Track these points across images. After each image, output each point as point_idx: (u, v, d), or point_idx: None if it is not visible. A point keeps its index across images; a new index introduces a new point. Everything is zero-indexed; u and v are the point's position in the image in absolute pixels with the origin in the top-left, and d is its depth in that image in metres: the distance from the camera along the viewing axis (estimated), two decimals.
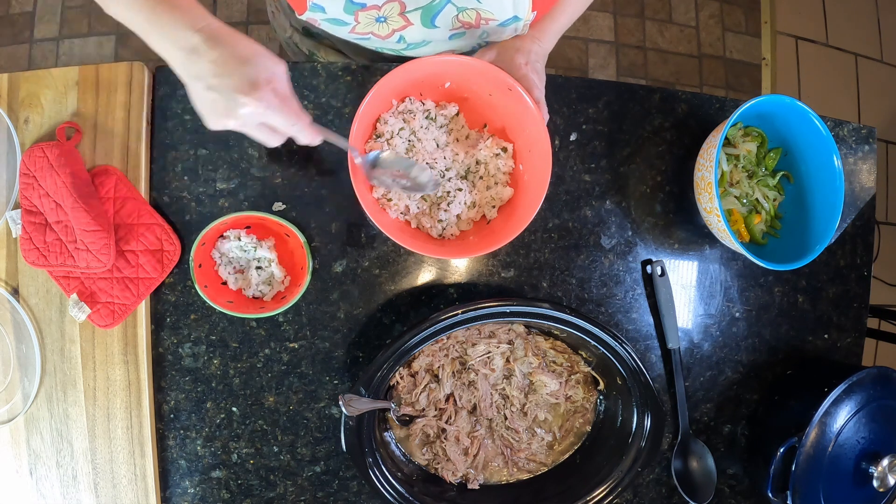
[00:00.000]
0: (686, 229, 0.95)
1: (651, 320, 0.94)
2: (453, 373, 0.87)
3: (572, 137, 0.93)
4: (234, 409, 0.86)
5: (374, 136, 0.82)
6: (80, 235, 0.78)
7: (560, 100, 0.92)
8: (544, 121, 0.78)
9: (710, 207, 0.85)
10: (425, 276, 0.89)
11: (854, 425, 0.88)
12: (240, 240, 0.83)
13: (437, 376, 0.87)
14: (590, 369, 0.90)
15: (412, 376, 0.87)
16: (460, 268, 0.90)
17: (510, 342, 0.88)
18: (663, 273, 0.92)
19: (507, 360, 0.88)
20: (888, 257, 2.11)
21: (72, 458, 0.82)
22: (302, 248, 0.83)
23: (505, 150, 0.84)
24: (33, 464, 0.82)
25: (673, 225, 0.95)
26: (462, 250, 0.82)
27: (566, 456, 0.90)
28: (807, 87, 2.30)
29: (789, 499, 0.86)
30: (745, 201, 0.93)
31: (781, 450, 0.86)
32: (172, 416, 0.85)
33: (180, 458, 0.85)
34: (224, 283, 0.84)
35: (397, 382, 0.86)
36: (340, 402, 0.75)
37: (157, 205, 0.84)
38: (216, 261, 0.84)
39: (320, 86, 0.87)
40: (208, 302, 0.80)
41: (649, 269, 0.93)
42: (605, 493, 0.85)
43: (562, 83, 0.92)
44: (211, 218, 0.83)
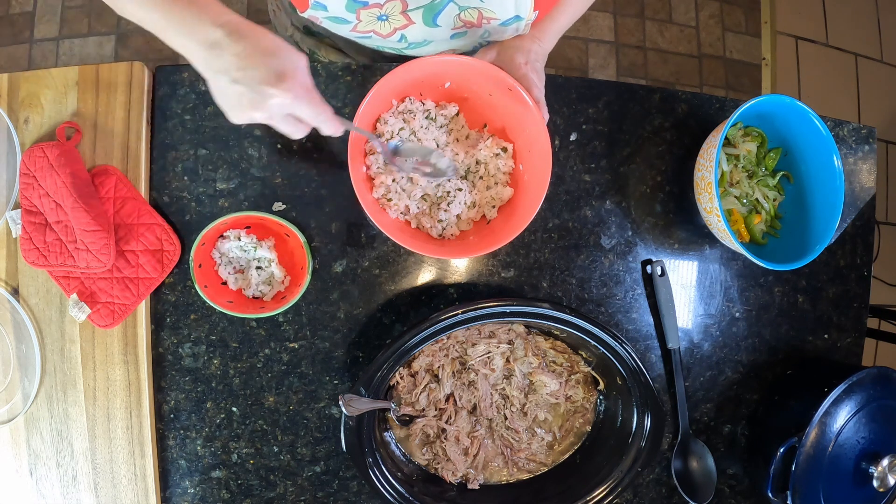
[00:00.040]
0: (686, 229, 0.95)
1: (651, 320, 0.94)
2: (453, 373, 0.87)
3: (572, 137, 0.93)
4: (234, 409, 0.86)
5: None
6: (80, 235, 0.78)
7: (560, 100, 0.92)
8: (544, 120, 0.78)
9: (710, 207, 0.85)
10: (425, 276, 0.89)
11: (854, 425, 0.88)
12: (240, 240, 0.83)
13: (437, 376, 0.87)
14: (590, 369, 0.90)
15: (412, 376, 0.87)
16: (460, 268, 0.90)
17: (510, 342, 0.88)
18: (663, 273, 0.92)
19: (507, 360, 0.88)
20: (888, 257, 2.11)
21: (72, 458, 0.82)
22: (302, 248, 0.83)
23: (505, 150, 0.84)
24: (33, 464, 0.82)
25: (673, 225, 0.95)
26: (462, 250, 0.81)
27: (566, 456, 0.90)
28: (807, 87, 2.30)
29: (789, 499, 0.86)
30: (745, 201, 0.93)
31: (781, 450, 0.86)
32: (172, 416, 0.85)
33: (180, 458, 0.85)
34: (224, 283, 0.84)
35: (397, 382, 0.86)
36: (340, 402, 0.75)
37: (157, 205, 0.84)
38: (216, 261, 0.84)
39: (320, 85, 0.87)
40: (208, 302, 0.80)
41: (649, 269, 0.93)
42: (605, 493, 0.85)
43: (562, 83, 0.92)
44: (211, 218, 0.83)
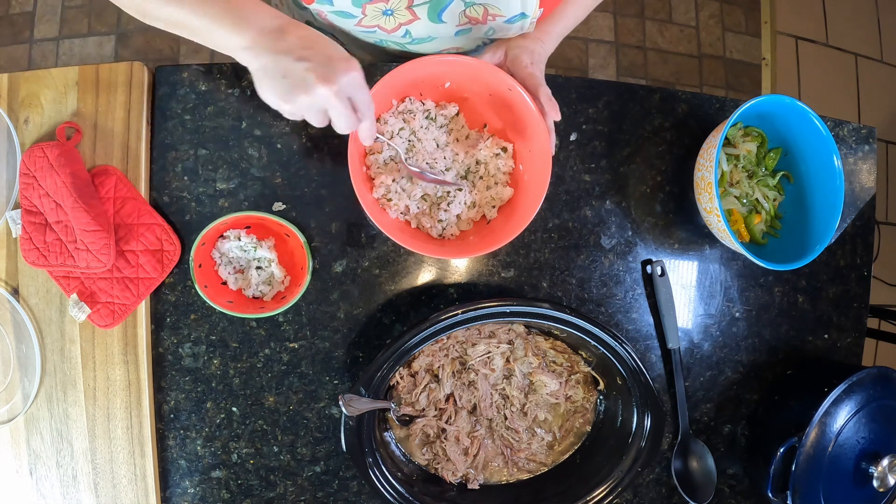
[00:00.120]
0: (686, 229, 0.95)
1: (651, 320, 0.94)
2: (453, 373, 0.87)
3: (572, 137, 0.93)
4: (234, 409, 0.86)
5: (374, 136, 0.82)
6: (80, 235, 0.78)
7: (560, 100, 0.91)
8: (557, 117, 0.77)
9: (710, 207, 0.85)
10: (425, 276, 0.89)
11: (854, 425, 0.88)
12: (240, 240, 0.83)
13: (437, 376, 0.87)
14: (590, 369, 0.90)
15: (412, 376, 0.87)
16: (460, 268, 0.90)
17: (510, 342, 0.88)
18: (663, 273, 0.92)
19: (507, 360, 0.88)
20: (888, 257, 2.11)
21: (72, 458, 0.82)
22: (302, 248, 0.83)
23: (505, 150, 0.84)
24: (33, 464, 0.82)
25: (673, 225, 0.95)
26: (462, 250, 0.81)
27: (566, 456, 0.90)
28: (807, 87, 2.30)
29: (789, 499, 0.86)
30: (745, 201, 0.92)
31: (781, 450, 0.86)
32: (172, 416, 0.85)
33: (180, 458, 0.85)
34: (224, 283, 0.84)
35: (397, 382, 0.86)
36: (340, 402, 0.75)
37: (157, 205, 0.84)
38: (216, 261, 0.84)
39: None
40: (208, 302, 0.80)
41: (649, 269, 0.93)
42: (605, 493, 0.85)
43: (562, 83, 0.92)
44: (211, 218, 0.83)
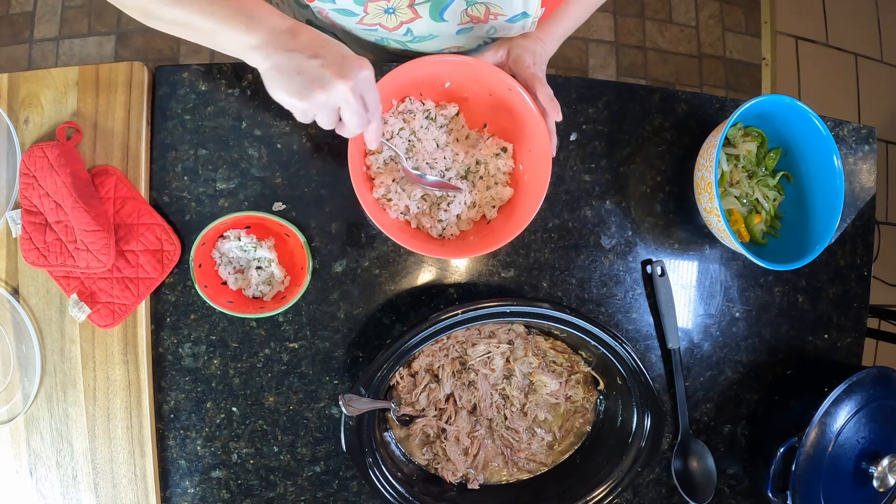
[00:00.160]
0: (686, 229, 0.95)
1: (651, 320, 0.94)
2: (453, 373, 0.87)
3: (572, 137, 0.93)
4: (234, 409, 0.86)
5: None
6: (80, 235, 0.78)
7: (560, 100, 0.91)
8: (558, 118, 0.77)
9: (710, 207, 0.85)
10: (425, 276, 0.89)
11: (854, 425, 0.88)
12: (240, 240, 0.83)
13: (437, 376, 0.87)
14: (590, 369, 0.90)
15: (412, 376, 0.87)
16: (460, 268, 0.90)
17: (510, 342, 0.88)
18: (663, 273, 0.92)
19: (507, 360, 0.88)
20: (888, 257, 2.11)
21: (72, 458, 0.82)
22: (302, 248, 0.83)
23: (505, 150, 0.84)
24: (33, 464, 0.82)
25: (673, 225, 0.95)
26: (462, 250, 0.81)
27: (566, 456, 0.90)
28: (807, 87, 2.30)
29: (789, 499, 0.86)
30: (745, 201, 0.93)
31: (781, 450, 0.86)
32: (172, 416, 0.85)
33: (180, 458, 0.85)
34: (224, 283, 0.84)
35: (397, 382, 0.86)
36: (340, 402, 0.75)
37: (157, 205, 0.84)
38: (216, 261, 0.84)
39: None
40: (208, 302, 0.80)
41: (649, 269, 0.93)
42: (605, 493, 0.85)
43: (562, 83, 0.92)
44: (211, 218, 0.83)
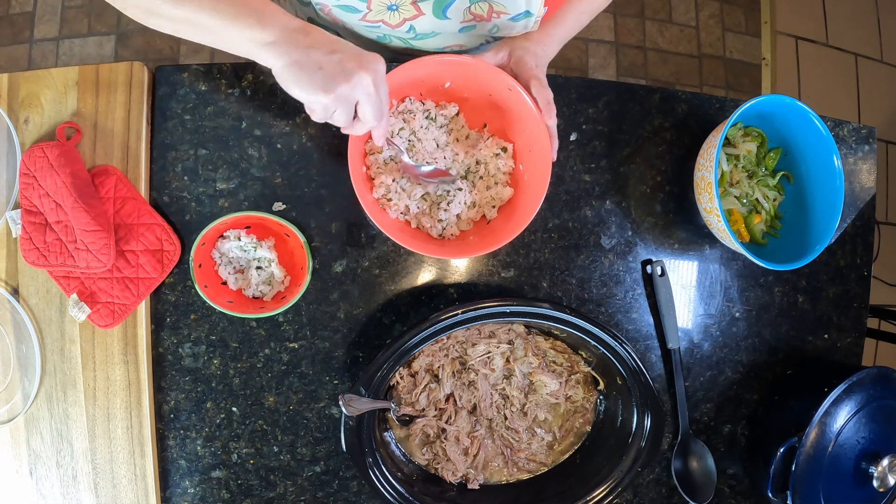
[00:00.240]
0: (686, 229, 0.95)
1: (651, 320, 0.94)
2: (453, 373, 0.87)
3: (572, 137, 0.93)
4: (234, 409, 0.86)
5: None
6: (80, 235, 0.78)
7: (560, 100, 0.92)
8: (553, 123, 0.77)
9: (710, 207, 0.85)
10: (425, 276, 0.89)
11: (854, 425, 0.88)
12: (240, 240, 0.83)
13: (437, 376, 0.87)
14: (590, 369, 0.90)
15: (412, 376, 0.87)
16: (460, 268, 0.90)
17: (510, 342, 0.88)
18: (663, 273, 0.92)
19: (507, 360, 0.88)
20: (888, 257, 2.11)
21: (72, 458, 0.82)
22: (302, 248, 0.83)
23: (505, 150, 0.84)
24: (33, 464, 0.82)
25: (673, 225, 0.95)
26: (462, 250, 0.81)
27: (566, 456, 0.90)
28: (807, 87, 2.30)
29: (789, 499, 0.86)
30: (745, 201, 0.92)
31: (781, 450, 0.86)
32: (172, 416, 0.85)
33: (180, 458, 0.85)
34: (224, 283, 0.84)
35: (397, 382, 0.86)
36: (340, 402, 0.75)
37: (157, 205, 0.84)
38: (216, 261, 0.84)
39: None
40: (208, 302, 0.80)
41: (649, 269, 0.93)
42: (605, 493, 0.85)
43: (562, 83, 0.92)
44: (211, 218, 0.83)
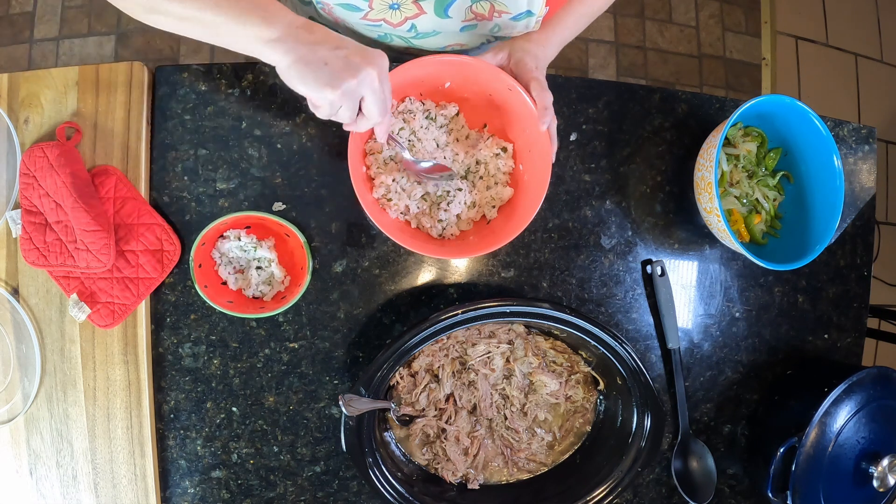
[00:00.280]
0: (686, 229, 0.95)
1: (651, 320, 0.94)
2: (453, 373, 0.87)
3: (572, 137, 0.93)
4: (234, 409, 0.86)
5: (374, 137, 0.82)
6: (80, 235, 0.78)
7: (560, 100, 0.92)
8: (553, 126, 0.77)
9: (710, 207, 0.85)
10: (425, 276, 0.89)
11: (854, 425, 0.88)
12: (240, 240, 0.83)
13: (437, 376, 0.87)
14: (590, 369, 0.90)
15: (412, 376, 0.87)
16: (460, 268, 0.90)
17: (510, 342, 0.88)
18: (663, 273, 0.92)
19: (507, 360, 0.88)
20: (888, 257, 2.11)
21: (72, 458, 0.82)
22: (302, 248, 0.83)
23: (505, 150, 0.84)
24: (33, 464, 0.82)
25: (673, 225, 0.95)
26: (462, 250, 0.81)
27: (566, 456, 0.90)
28: (807, 87, 2.30)
29: (789, 499, 0.86)
30: (745, 201, 0.92)
31: (781, 450, 0.86)
32: (172, 416, 0.85)
33: (180, 458, 0.85)
34: (224, 283, 0.84)
35: (397, 382, 0.86)
36: (340, 402, 0.75)
37: (157, 205, 0.84)
38: (216, 261, 0.84)
39: None
40: (208, 302, 0.80)
41: (649, 269, 0.93)
42: (605, 493, 0.85)
43: (562, 83, 0.92)
44: (211, 218, 0.83)
